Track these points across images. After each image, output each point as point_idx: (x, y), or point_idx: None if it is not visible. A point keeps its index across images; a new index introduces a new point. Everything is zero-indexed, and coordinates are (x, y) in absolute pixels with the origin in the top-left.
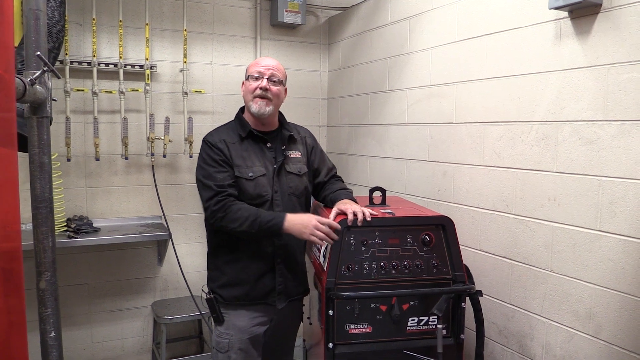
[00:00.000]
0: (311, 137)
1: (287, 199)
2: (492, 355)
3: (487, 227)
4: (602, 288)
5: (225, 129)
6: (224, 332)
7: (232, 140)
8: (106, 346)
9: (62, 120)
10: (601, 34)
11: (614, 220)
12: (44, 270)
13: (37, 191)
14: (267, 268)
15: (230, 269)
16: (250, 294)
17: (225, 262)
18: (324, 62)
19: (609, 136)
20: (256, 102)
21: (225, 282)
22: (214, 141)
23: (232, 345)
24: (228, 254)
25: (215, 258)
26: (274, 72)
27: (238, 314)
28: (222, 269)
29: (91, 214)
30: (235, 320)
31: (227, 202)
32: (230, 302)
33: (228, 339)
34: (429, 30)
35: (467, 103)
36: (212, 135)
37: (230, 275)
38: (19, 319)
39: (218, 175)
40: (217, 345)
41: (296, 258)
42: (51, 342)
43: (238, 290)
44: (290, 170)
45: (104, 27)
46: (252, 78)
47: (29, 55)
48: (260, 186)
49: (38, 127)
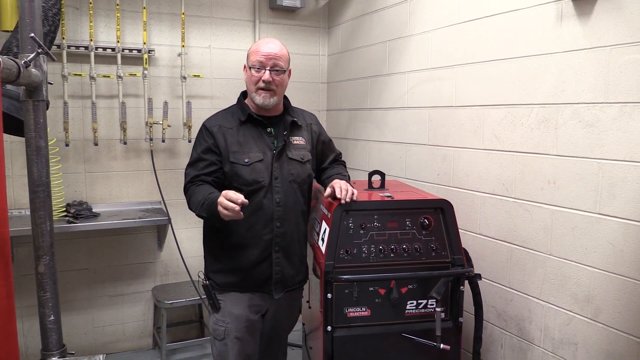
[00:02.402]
0: (317, 124)
1: (287, 186)
2: (491, 339)
3: (486, 211)
4: (601, 271)
5: (225, 113)
6: (220, 320)
7: (230, 126)
8: (107, 331)
9: (60, 105)
10: (603, 15)
11: (613, 203)
12: (42, 254)
13: (34, 175)
14: (264, 256)
15: (225, 256)
16: (245, 282)
17: (220, 248)
18: (324, 46)
19: (610, 118)
20: (260, 94)
21: (220, 268)
22: (210, 126)
23: (229, 333)
24: (223, 240)
25: (210, 244)
26: (276, 61)
27: (234, 301)
28: (217, 254)
29: (90, 199)
30: (231, 307)
31: (189, 187)
32: (226, 289)
33: (224, 327)
34: (429, 12)
35: (467, 86)
36: (210, 120)
37: (225, 261)
38: (7, 304)
39: (199, 163)
40: (214, 333)
41: (294, 246)
42: (50, 325)
43: (233, 277)
44: (292, 157)
45: (101, 11)
46: (254, 69)
47: (23, 38)
48: (257, 172)
49: (34, 110)
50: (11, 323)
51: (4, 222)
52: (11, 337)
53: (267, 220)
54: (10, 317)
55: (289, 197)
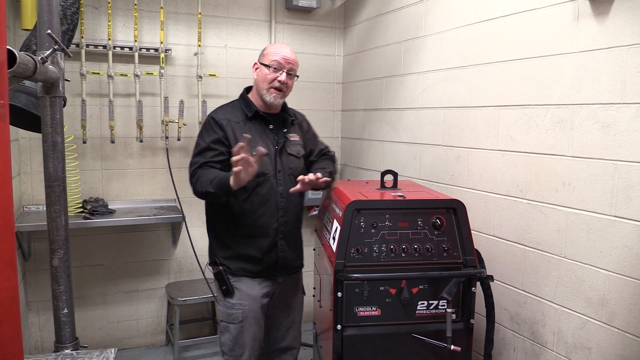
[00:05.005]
0: (306, 122)
1: (287, 179)
2: (504, 342)
3: (500, 212)
4: (616, 275)
5: (230, 107)
6: (237, 303)
7: (237, 120)
8: (121, 326)
9: (78, 103)
10: (620, 14)
11: (629, 206)
12: (56, 248)
13: (50, 170)
14: (272, 243)
15: (235, 243)
16: (256, 268)
17: (230, 237)
18: (339, 47)
19: (626, 119)
20: (271, 93)
21: (232, 254)
22: (219, 118)
23: (247, 315)
24: (233, 229)
25: (218, 232)
26: (293, 66)
27: (249, 284)
28: (226, 242)
29: (107, 196)
30: (247, 289)
31: (197, 171)
32: (238, 273)
33: (242, 309)
34: (444, 12)
35: (482, 86)
36: (217, 113)
37: (237, 249)
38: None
39: (208, 152)
40: (229, 318)
41: (294, 233)
42: (64, 318)
43: (245, 264)
44: (291, 152)
45: (119, 11)
46: (271, 68)
47: (41, 35)
48: (263, 165)
49: (51, 106)
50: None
51: (9, 210)
52: (15, 329)
53: (273, 210)
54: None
55: (289, 188)
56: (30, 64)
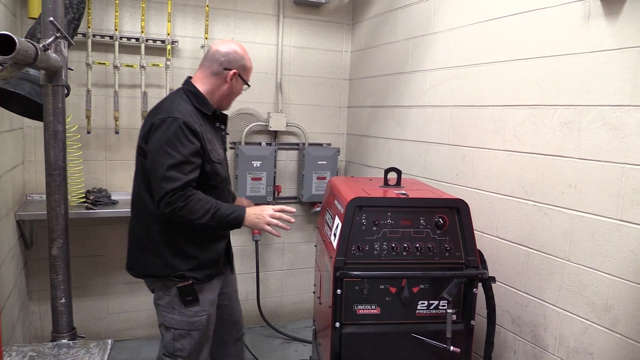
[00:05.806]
0: None
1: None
2: (504, 344)
3: (504, 213)
4: (621, 280)
5: (187, 106)
6: (200, 310)
7: (201, 122)
8: (121, 317)
9: (83, 93)
10: (632, 14)
11: (636, 210)
12: (55, 238)
13: (50, 159)
14: (227, 242)
15: (199, 252)
16: (217, 271)
17: (193, 247)
18: (347, 42)
19: (636, 122)
20: (231, 103)
21: (197, 264)
22: (191, 124)
23: (210, 319)
24: (199, 237)
25: (177, 244)
26: None
27: (210, 288)
28: (190, 253)
29: (110, 186)
30: (208, 295)
31: (188, 192)
32: (203, 280)
33: (205, 314)
34: (453, 9)
35: (489, 85)
36: (183, 115)
37: (201, 257)
38: None
39: (186, 166)
40: (192, 326)
41: None
42: (61, 308)
43: (209, 270)
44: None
45: (127, 1)
46: (245, 85)
47: (45, 23)
48: (225, 168)
49: (53, 95)
50: None
51: None
52: None
53: None
54: None
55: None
56: (30, 50)
